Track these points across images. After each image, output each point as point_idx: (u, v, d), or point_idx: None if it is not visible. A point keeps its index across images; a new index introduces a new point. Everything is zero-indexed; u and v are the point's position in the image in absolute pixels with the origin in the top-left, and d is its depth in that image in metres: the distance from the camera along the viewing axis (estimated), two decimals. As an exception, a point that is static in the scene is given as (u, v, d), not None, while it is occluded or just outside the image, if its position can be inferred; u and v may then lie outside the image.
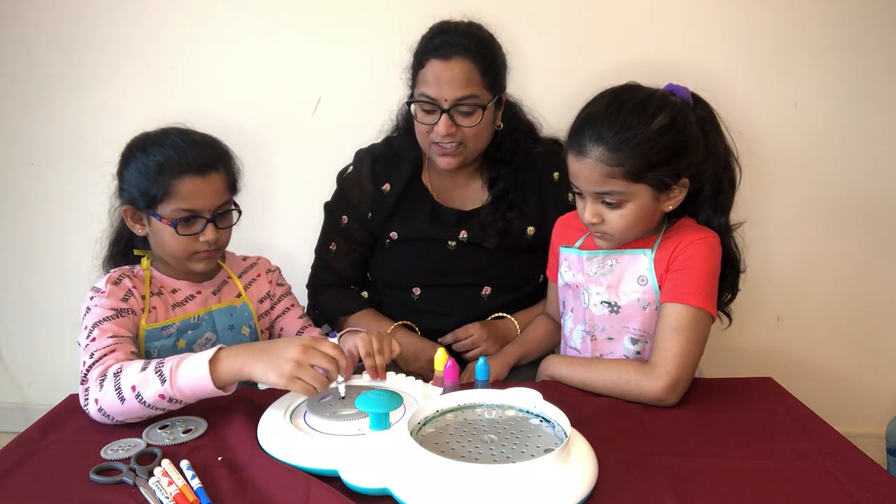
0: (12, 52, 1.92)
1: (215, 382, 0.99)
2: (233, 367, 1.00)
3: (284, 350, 0.99)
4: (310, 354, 0.99)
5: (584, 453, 0.90)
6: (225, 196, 1.21)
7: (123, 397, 1.01)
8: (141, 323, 1.18)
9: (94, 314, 1.13)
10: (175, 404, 1.02)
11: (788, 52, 1.80)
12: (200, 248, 1.19)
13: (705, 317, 1.15)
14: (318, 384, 0.98)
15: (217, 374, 0.99)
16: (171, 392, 1.00)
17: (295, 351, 0.98)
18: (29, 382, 2.21)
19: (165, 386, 1.00)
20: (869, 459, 0.94)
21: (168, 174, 1.14)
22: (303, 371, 0.97)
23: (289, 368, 0.97)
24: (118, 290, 1.17)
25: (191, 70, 1.89)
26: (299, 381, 0.97)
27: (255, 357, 1.00)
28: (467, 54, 1.34)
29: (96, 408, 1.03)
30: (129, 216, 1.21)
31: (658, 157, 1.10)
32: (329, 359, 1.00)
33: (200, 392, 1.01)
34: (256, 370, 0.99)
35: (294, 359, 0.98)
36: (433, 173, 1.53)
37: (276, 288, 1.37)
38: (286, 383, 0.97)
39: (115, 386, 1.01)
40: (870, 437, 1.76)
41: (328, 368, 0.99)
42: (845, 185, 1.87)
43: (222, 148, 1.23)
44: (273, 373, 0.98)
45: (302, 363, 0.98)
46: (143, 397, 1.00)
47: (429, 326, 1.51)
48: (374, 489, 0.86)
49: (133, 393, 1.00)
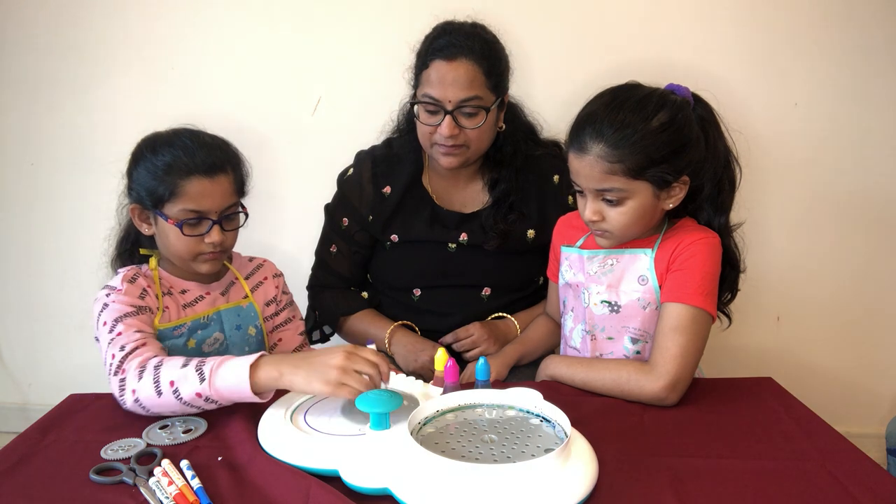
0: (12, 52, 1.92)
1: (253, 388, 0.99)
2: (272, 374, 1.00)
3: (328, 358, 1.00)
4: (354, 360, 0.99)
5: (584, 453, 0.90)
6: (232, 198, 1.21)
7: (161, 391, 1.01)
8: (154, 322, 1.18)
9: (114, 310, 1.13)
10: (211, 404, 1.03)
11: (788, 52, 1.80)
12: (206, 249, 1.19)
13: (705, 317, 1.15)
14: (365, 388, 0.98)
15: (256, 380, 1.00)
16: (209, 392, 1.00)
17: (339, 358, 0.99)
18: (29, 382, 2.21)
19: (203, 385, 1.00)
20: (869, 459, 0.94)
21: (176, 174, 1.15)
22: (349, 377, 0.98)
23: (335, 375, 0.97)
24: (134, 288, 1.17)
25: (191, 70, 1.90)
26: (346, 387, 0.97)
27: (297, 366, 1.00)
28: (472, 55, 1.34)
29: (133, 398, 1.03)
30: (136, 215, 1.21)
31: (658, 154, 1.10)
32: (372, 364, 1.00)
33: (237, 395, 1.01)
34: (298, 379, 0.99)
35: (339, 365, 0.98)
36: (434, 175, 1.53)
37: (282, 295, 1.38)
38: (333, 390, 0.97)
39: (154, 379, 1.02)
40: (870, 437, 1.76)
41: (372, 374, 1.00)
42: (845, 184, 1.87)
43: (232, 150, 1.23)
44: (318, 381, 0.97)
45: (347, 369, 0.98)
46: (180, 393, 1.01)
47: (429, 327, 1.51)
48: (374, 489, 0.86)
49: (171, 388, 1.01)
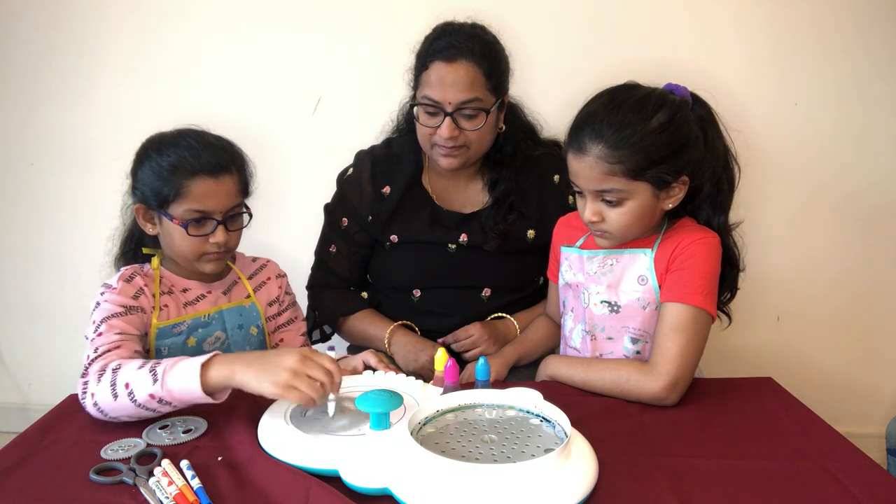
0: (12, 52, 1.92)
1: (204, 387, 0.97)
2: (223, 373, 0.98)
3: (281, 359, 0.97)
4: (307, 365, 0.97)
5: (584, 453, 0.90)
6: (237, 199, 1.21)
7: (117, 394, 1.00)
8: (152, 321, 1.18)
9: (103, 309, 1.13)
10: (165, 406, 1.00)
11: (788, 52, 1.80)
12: (210, 249, 1.19)
13: (705, 316, 1.15)
14: (315, 394, 0.96)
15: (207, 379, 0.98)
16: (161, 393, 0.98)
17: (292, 360, 0.97)
18: (29, 382, 2.21)
19: (156, 386, 0.98)
20: (869, 459, 0.94)
21: (181, 174, 1.15)
22: (299, 380, 0.95)
23: (285, 377, 0.95)
24: (129, 287, 1.17)
25: (191, 70, 1.90)
26: (295, 391, 0.95)
27: (249, 365, 0.98)
28: (472, 57, 1.33)
29: (92, 402, 1.02)
30: (140, 215, 1.21)
31: (657, 154, 1.10)
32: (325, 371, 0.98)
33: (189, 396, 0.99)
34: (248, 378, 0.97)
35: (291, 367, 0.96)
36: (433, 175, 1.53)
37: (285, 296, 1.38)
38: (281, 392, 0.95)
39: (111, 382, 1.01)
40: (870, 437, 1.76)
41: (324, 381, 0.97)
42: (845, 184, 1.87)
43: (236, 151, 1.23)
44: (268, 381, 0.95)
45: (299, 372, 0.96)
46: (134, 395, 0.99)
47: (429, 327, 1.51)
48: (374, 489, 0.86)
49: (126, 390, 0.99)
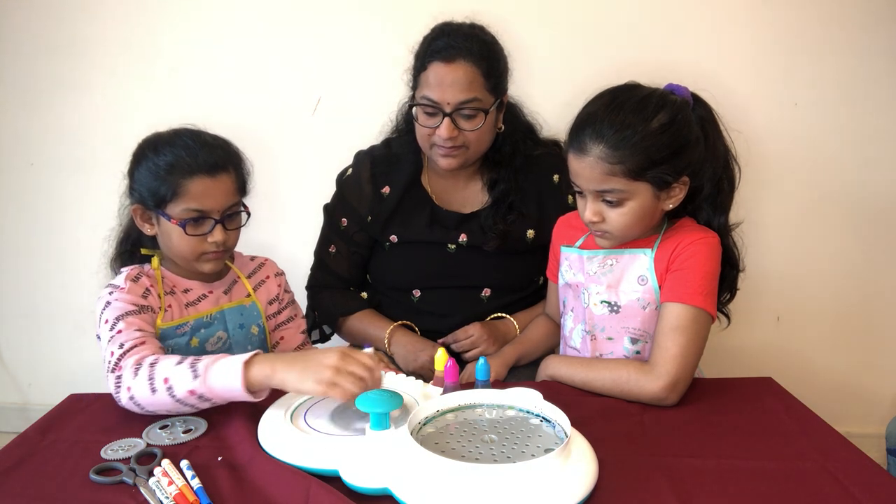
0: (12, 52, 1.92)
1: (246, 385, 0.99)
2: (264, 371, 1.00)
3: (323, 358, 0.99)
4: (348, 362, 0.99)
5: (584, 453, 0.90)
6: (234, 197, 1.21)
7: (155, 388, 1.01)
8: (157, 321, 1.18)
9: (116, 308, 1.13)
10: (204, 402, 1.02)
11: (788, 52, 1.80)
12: (209, 248, 1.19)
13: (705, 316, 1.15)
14: (358, 391, 0.97)
15: (249, 378, 0.99)
16: (202, 389, 1.00)
17: (334, 358, 0.99)
18: (29, 382, 2.21)
19: (197, 382, 1.00)
20: (869, 459, 0.94)
21: (178, 174, 1.15)
22: (342, 377, 0.97)
23: (328, 375, 0.97)
24: (137, 287, 1.18)
25: (191, 71, 1.90)
26: (338, 388, 0.97)
27: (291, 365, 1.00)
28: (470, 57, 1.33)
29: (128, 395, 1.03)
30: (138, 215, 1.21)
31: (658, 154, 1.10)
32: (366, 368, 1.00)
33: (230, 393, 1.00)
34: (290, 377, 0.99)
35: (333, 365, 0.98)
36: (433, 175, 1.52)
37: (284, 294, 1.38)
38: (325, 390, 0.97)
39: (149, 376, 1.02)
40: (870, 437, 1.76)
41: (365, 377, 0.99)
42: (845, 184, 1.87)
43: (233, 150, 1.24)
44: (311, 380, 0.97)
45: (341, 370, 0.98)
46: (174, 391, 1.00)
47: (429, 327, 1.51)
48: (374, 489, 0.86)
49: (165, 385, 1.01)
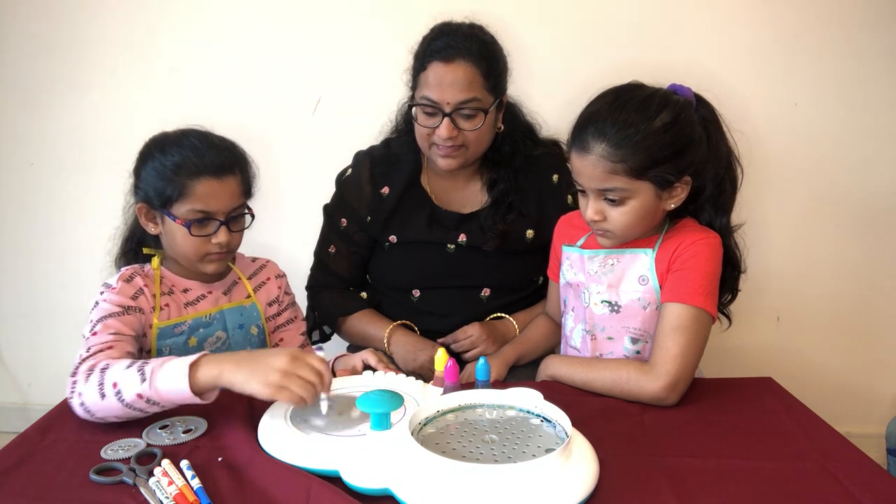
0: (12, 52, 1.92)
1: (192, 387, 0.96)
2: (211, 373, 0.97)
3: (271, 359, 0.97)
4: (297, 365, 0.97)
5: (584, 453, 0.90)
6: (239, 199, 1.21)
7: (104, 393, 0.99)
8: (153, 321, 1.18)
9: (101, 309, 1.13)
10: (153, 406, 0.99)
11: (789, 52, 1.80)
12: (212, 249, 1.19)
13: (706, 317, 1.15)
14: (306, 394, 0.95)
15: (195, 379, 0.97)
16: (149, 392, 0.97)
17: (283, 361, 0.96)
18: (29, 382, 2.21)
19: (144, 385, 0.97)
20: (869, 459, 0.94)
21: (184, 175, 1.15)
22: (290, 381, 0.95)
23: (275, 378, 0.95)
24: (129, 287, 1.17)
25: (191, 71, 1.90)
26: (285, 391, 0.94)
27: (238, 365, 0.97)
28: (469, 57, 1.33)
29: (79, 401, 1.01)
30: (143, 214, 1.21)
31: (660, 154, 1.10)
32: (315, 372, 0.98)
33: (177, 396, 0.97)
34: (238, 378, 0.96)
35: (281, 368, 0.95)
36: (432, 176, 1.52)
37: (284, 296, 1.38)
38: (272, 393, 0.94)
39: (99, 381, 1.00)
40: (870, 437, 1.76)
41: (313, 381, 0.97)
42: (845, 185, 1.87)
43: (239, 152, 1.24)
44: (258, 381, 0.95)
45: (289, 373, 0.95)
46: (122, 395, 0.98)
47: (429, 327, 1.51)
48: (375, 489, 0.86)
49: (114, 390, 0.98)
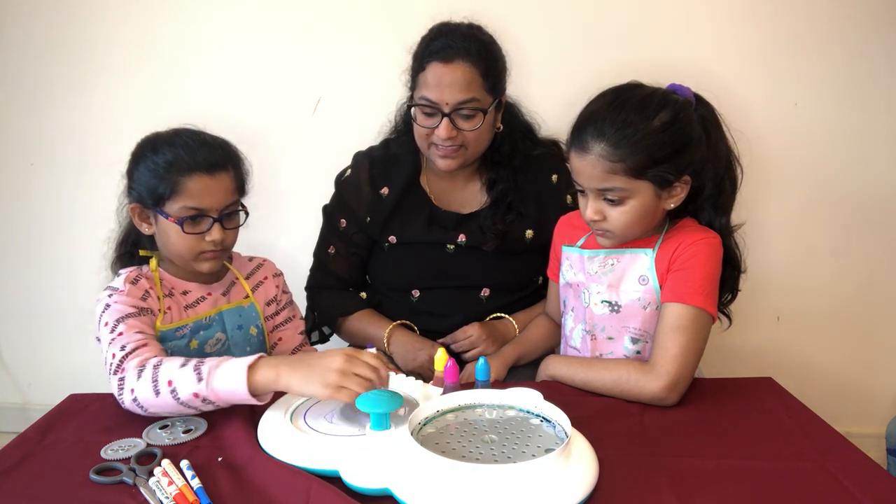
0: (12, 51, 1.92)
1: (250, 389, 0.99)
2: (269, 375, 0.99)
3: (328, 361, 0.99)
4: (353, 364, 0.99)
5: (584, 453, 0.90)
6: (233, 196, 1.21)
7: (159, 390, 1.01)
8: (157, 324, 1.18)
9: (116, 310, 1.13)
10: (208, 405, 1.02)
11: (788, 52, 1.80)
12: (206, 247, 1.19)
13: (706, 317, 1.15)
14: (365, 391, 0.97)
15: (253, 381, 0.99)
16: (206, 392, 1.00)
17: (338, 361, 0.98)
18: (29, 382, 2.21)
19: (201, 385, 1.00)
20: (869, 459, 0.94)
21: (177, 172, 1.15)
22: (348, 380, 0.97)
23: (334, 378, 0.97)
24: (136, 289, 1.17)
25: (191, 71, 1.90)
26: (344, 391, 0.96)
27: (295, 368, 0.99)
28: (468, 57, 1.33)
29: (131, 397, 1.03)
30: (136, 214, 1.21)
31: (660, 153, 1.10)
32: (372, 368, 1.00)
33: (234, 396, 1.00)
34: (295, 381, 0.98)
35: (338, 368, 0.97)
36: (431, 176, 1.52)
37: (282, 294, 1.38)
38: (332, 393, 0.96)
39: (153, 378, 1.02)
40: (870, 437, 1.76)
41: (371, 378, 0.99)
42: (845, 184, 1.87)
43: (232, 149, 1.24)
44: (316, 383, 0.97)
45: (346, 372, 0.97)
46: (177, 393, 1.00)
47: (428, 328, 1.51)
48: (374, 489, 0.86)
49: (169, 388, 1.00)
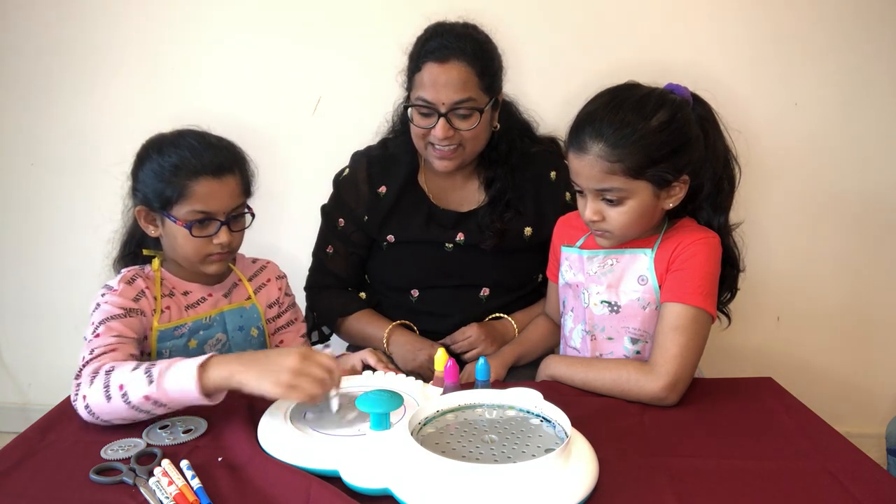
0: (13, 51, 1.92)
1: (202, 389, 0.97)
2: (221, 374, 0.97)
3: (281, 359, 0.97)
4: (307, 363, 0.97)
5: (584, 453, 0.90)
6: (239, 199, 1.21)
7: (110, 395, 0.99)
8: (154, 323, 1.18)
9: (103, 311, 1.13)
10: (160, 408, 1.00)
11: (788, 52, 1.80)
12: (214, 250, 1.18)
13: (705, 317, 1.15)
14: (318, 392, 0.96)
15: (205, 381, 0.97)
16: (157, 394, 0.98)
17: (292, 360, 0.97)
18: (29, 382, 2.21)
19: (151, 387, 0.97)
20: (869, 459, 0.94)
21: (184, 175, 1.14)
22: (301, 379, 0.96)
23: (286, 377, 0.95)
24: (131, 289, 1.17)
25: (191, 71, 1.89)
26: (297, 389, 0.95)
27: (248, 366, 0.98)
28: (464, 57, 1.33)
29: (83, 404, 1.01)
30: (142, 217, 1.21)
31: (658, 153, 1.10)
32: (325, 368, 0.98)
33: (186, 397, 0.98)
34: (248, 378, 0.97)
35: (292, 367, 0.96)
36: (429, 175, 1.52)
37: (285, 297, 1.37)
38: (283, 392, 0.95)
39: (105, 384, 1.00)
40: (870, 437, 1.76)
41: (324, 378, 0.98)
42: (845, 184, 1.87)
43: (238, 151, 1.23)
44: (269, 381, 0.95)
45: (300, 371, 0.96)
46: (128, 397, 0.98)
47: (428, 328, 1.51)
48: (374, 489, 0.86)
49: (120, 392, 0.98)
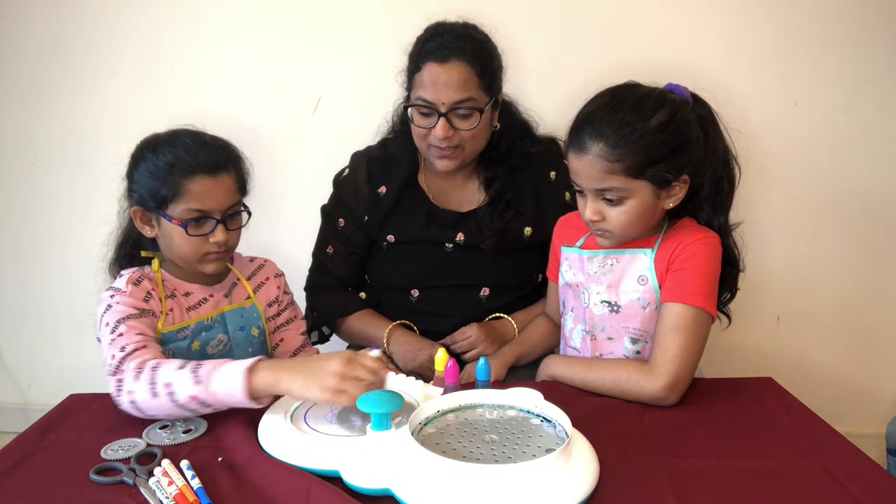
0: (13, 51, 1.92)
1: (249, 392, 0.98)
2: (268, 379, 0.99)
3: (327, 364, 0.98)
4: (353, 367, 0.98)
5: (585, 453, 0.90)
6: (235, 197, 1.21)
7: (156, 392, 1.00)
8: (158, 326, 1.18)
9: (118, 311, 1.12)
10: (205, 408, 1.02)
11: (788, 52, 1.80)
12: (210, 248, 1.18)
13: (705, 317, 1.15)
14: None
15: (252, 385, 0.98)
16: (204, 395, 0.99)
17: (338, 364, 0.98)
18: (29, 382, 2.21)
19: (199, 388, 0.99)
20: (869, 459, 0.94)
21: (178, 174, 1.14)
22: (347, 383, 0.97)
23: (334, 382, 0.96)
24: (139, 290, 1.17)
25: (191, 71, 1.90)
26: (344, 394, 0.96)
27: (295, 372, 0.99)
28: (463, 57, 1.33)
29: (129, 399, 1.02)
30: (138, 217, 1.20)
31: (658, 153, 1.10)
32: (371, 371, 1.00)
33: (232, 399, 1.00)
34: (296, 385, 0.98)
35: (338, 372, 0.97)
36: (429, 175, 1.52)
37: (283, 295, 1.37)
38: (331, 397, 0.96)
39: (151, 380, 1.01)
40: (870, 437, 1.76)
41: (371, 380, 0.99)
42: (845, 184, 1.87)
43: (233, 149, 1.23)
44: (316, 387, 0.97)
45: (346, 376, 0.97)
46: (175, 396, 1.00)
47: (428, 328, 1.51)
48: (375, 489, 0.86)
49: (166, 390, 1.00)
